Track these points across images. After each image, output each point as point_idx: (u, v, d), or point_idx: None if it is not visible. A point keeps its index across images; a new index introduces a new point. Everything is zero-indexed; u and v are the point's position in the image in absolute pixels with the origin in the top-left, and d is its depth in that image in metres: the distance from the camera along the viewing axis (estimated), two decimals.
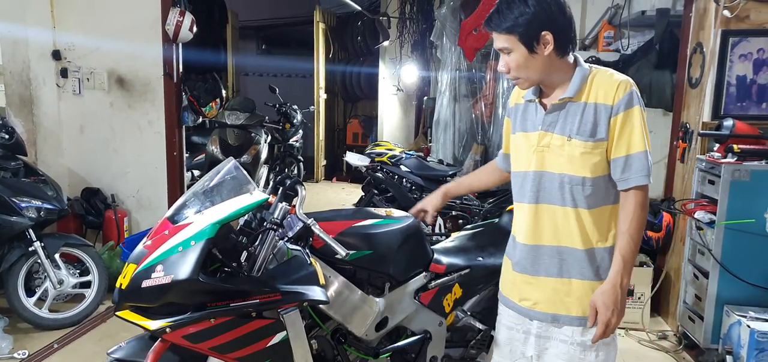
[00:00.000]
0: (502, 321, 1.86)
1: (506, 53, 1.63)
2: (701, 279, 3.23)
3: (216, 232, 1.71)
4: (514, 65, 1.63)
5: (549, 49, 1.59)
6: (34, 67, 4.20)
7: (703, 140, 3.38)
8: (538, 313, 1.74)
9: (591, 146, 1.60)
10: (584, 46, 4.45)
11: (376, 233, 2.05)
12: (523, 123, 1.75)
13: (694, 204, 3.30)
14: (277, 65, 9.55)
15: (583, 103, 1.62)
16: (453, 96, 5.38)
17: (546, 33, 1.58)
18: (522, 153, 1.74)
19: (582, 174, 1.62)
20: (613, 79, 1.62)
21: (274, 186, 1.99)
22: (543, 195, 1.68)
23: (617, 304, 1.61)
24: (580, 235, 1.65)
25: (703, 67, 3.39)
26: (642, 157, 1.59)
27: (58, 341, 3.29)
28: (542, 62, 1.62)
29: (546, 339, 1.73)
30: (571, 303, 1.69)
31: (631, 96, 1.59)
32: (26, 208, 3.32)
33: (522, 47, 1.60)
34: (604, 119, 1.59)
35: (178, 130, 4.28)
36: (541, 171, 1.68)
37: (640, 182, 1.60)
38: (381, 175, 4.29)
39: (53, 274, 3.40)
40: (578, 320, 1.68)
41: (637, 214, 1.60)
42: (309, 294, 1.78)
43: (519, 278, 1.77)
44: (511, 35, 1.60)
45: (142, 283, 1.68)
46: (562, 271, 1.69)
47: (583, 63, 1.67)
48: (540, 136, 1.67)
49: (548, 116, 1.67)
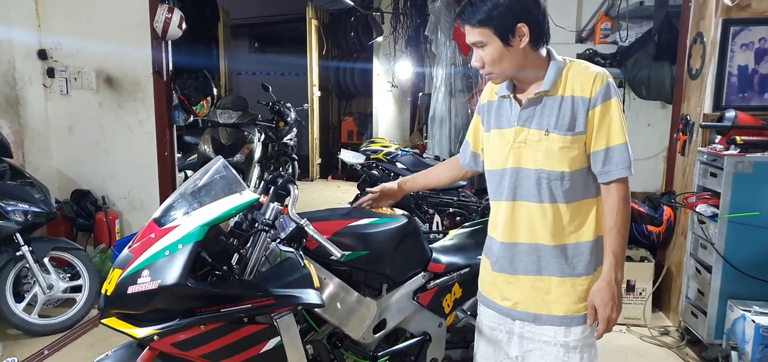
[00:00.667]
0: (484, 322, 1.83)
1: (480, 47, 1.60)
2: (704, 273, 3.17)
3: (204, 235, 1.64)
4: (489, 59, 1.60)
5: (525, 41, 1.57)
6: (20, 66, 4.11)
7: (704, 132, 3.32)
8: (519, 313, 1.72)
9: (570, 140, 1.58)
10: (581, 39, 4.39)
11: (373, 233, 1.98)
12: (498, 120, 1.72)
13: (696, 198, 3.24)
14: (270, 63, 9.47)
15: (559, 96, 1.59)
16: (448, 91, 5.32)
17: (522, 25, 1.55)
18: (497, 150, 1.71)
19: (560, 168, 1.60)
20: (588, 71, 1.60)
21: (266, 186, 1.92)
22: (520, 193, 1.66)
23: (615, 299, 1.61)
24: (553, 230, 1.63)
25: (704, 58, 3.33)
26: (622, 149, 1.57)
27: (48, 347, 3.20)
28: (517, 55, 1.59)
29: (529, 340, 1.71)
30: (552, 301, 1.67)
31: (607, 88, 1.57)
32: (12, 212, 3.23)
33: (497, 40, 1.57)
34: (582, 112, 1.57)
35: (169, 130, 4.20)
36: (517, 167, 1.65)
37: (622, 174, 1.58)
38: (377, 172, 4.22)
39: (42, 279, 3.32)
40: (560, 319, 1.67)
41: (621, 209, 1.59)
42: (303, 297, 1.71)
43: (499, 278, 1.75)
44: (485, 28, 1.57)
45: (128, 289, 1.61)
46: (540, 269, 1.67)
47: (557, 56, 1.64)
48: (516, 132, 1.65)
49: (524, 111, 1.64)
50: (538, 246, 1.66)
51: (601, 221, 1.65)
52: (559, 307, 1.66)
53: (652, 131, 4.24)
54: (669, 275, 3.66)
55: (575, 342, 1.67)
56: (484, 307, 1.84)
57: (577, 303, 1.66)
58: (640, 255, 3.71)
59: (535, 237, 1.65)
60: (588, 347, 1.69)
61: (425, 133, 6.18)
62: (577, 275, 1.66)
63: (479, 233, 2.36)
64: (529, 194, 1.64)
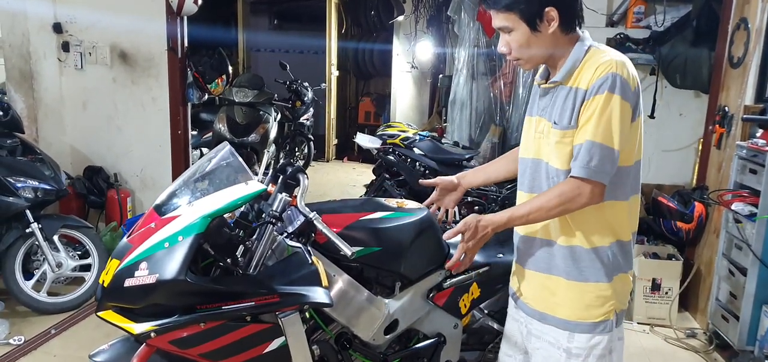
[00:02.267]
0: (510, 312, 1.80)
1: (506, 32, 1.51)
2: (737, 275, 3.00)
3: (206, 227, 1.54)
4: (516, 45, 1.50)
5: (554, 26, 1.46)
6: (34, 40, 4.04)
7: (744, 125, 3.12)
8: (528, 308, 1.67)
9: (561, 134, 1.49)
10: (611, 23, 4.16)
11: (386, 228, 1.85)
12: (531, 107, 1.65)
13: (732, 195, 3.05)
14: (288, 41, 9.32)
15: (568, 87, 1.49)
16: (470, 74, 5.13)
17: (550, 9, 1.44)
18: (526, 138, 1.65)
19: (558, 165, 1.51)
20: (598, 59, 1.45)
21: (274, 175, 1.80)
22: (535, 185, 1.59)
23: (476, 236, 1.52)
24: (565, 231, 1.55)
25: (748, 45, 3.11)
26: (590, 147, 1.42)
27: (55, 326, 3.17)
28: (546, 41, 1.48)
29: (537, 338, 1.65)
30: (557, 303, 1.59)
31: (605, 80, 1.41)
32: (22, 188, 3.18)
33: (523, 25, 1.46)
34: (579, 105, 1.46)
35: (183, 108, 4.10)
36: (536, 159, 1.59)
37: (577, 173, 1.43)
38: (393, 157, 4.08)
39: (51, 257, 3.28)
40: (564, 323, 1.58)
41: (553, 198, 1.47)
42: (310, 295, 1.61)
43: (517, 269, 1.72)
44: (511, 13, 1.46)
45: (125, 282, 1.53)
46: (550, 267, 1.59)
47: (586, 42, 1.51)
48: (537, 122, 1.59)
49: (542, 100, 1.57)
50: (550, 243, 1.58)
51: (616, 228, 1.53)
52: (564, 311, 1.58)
53: (683, 121, 4.02)
54: (698, 275, 3.48)
55: (578, 350, 1.56)
56: (510, 298, 1.80)
57: (584, 310, 1.56)
58: (668, 252, 3.54)
59: (549, 234, 1.58)
60: (596, 357, 1.56)
61: (444, 116, 6.01)
62: (585, 281, 1.55)
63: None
64: (542, 188, 1.56)
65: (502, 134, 4.90)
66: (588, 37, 1.52)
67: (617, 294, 1.57)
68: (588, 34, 1.53)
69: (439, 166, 3.89)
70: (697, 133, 3.89)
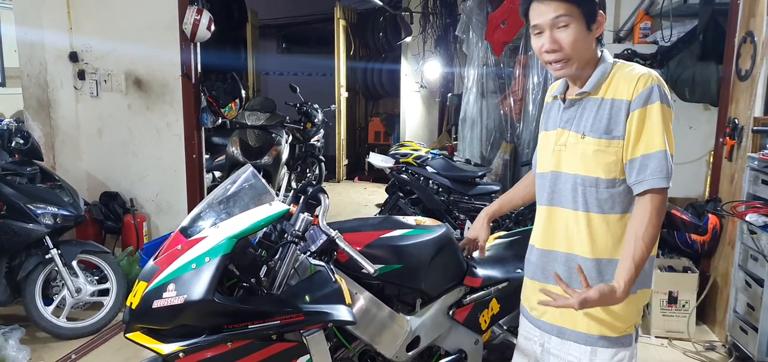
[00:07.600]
0: (521, 332, 1.76)
1: (559, 26, 1.44)
2: (755, 287, 2.98)
3: (232, 248, 1.57)
4: (569, 41, 1.44)
5: (600, 31, 1.49)
6: (52, 69, 4.14)
7: (755, 137, 3.13)
8: (544, 324, 1.63)
9: (605, 144, 1.47)
10: (618, 38, 4.21)
11: (406, 245, 1.88)
12: (546, 121, 1.65)
13: (746, 206, 3.05)
14: (297, 64, 9.45)
15: (600, 98, 1.49)
16: (480, 92, 5.18)
17: (602, 13, 1.46)
18: (542, 153, 1.64)
19: (595, 174, 1.49)
20: (633, 72, 1.46)
21: (295, 195, 1.84)
22: (557, 198, 1.57)
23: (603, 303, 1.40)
24: (589, 242, 1.52)
25: (755, 58, 3.13)
26: (661, 157, 1.42)
27: (75, 351, 3.19)
28: (591, 44, 1.49)
29: (556, 357, 1.61)
30: (578, 316, 1.53)
31: (651, 90, 1.43)
32: (42, 215, 3.23)
33: (582, 21, 1.44)
34: (622, 116, 1.45)
35: (197, 132, 4.17)
36: (557, 171, 1.57)
37: (657, 184, 1.43)
38: (406, 176, 4.12)
39: (71, 282, 3.31)
40: (584, 337, 1.54)
41: (653, 221, 1.43)
42: (334, 313, 1.63)
43: (531, 284, 1.68)
44: (572, 5, 1.42)
45: (153, 303, 1.55)
46: (571, 280, 1.52)
47: (608, 57, 1.53)
48: (558, 134, 1.57)
49: (566, 112, 1.56)
50: (573, 256, 1.55)
51: None
52: (585, 324, 1.53)
53: (693, 134, 4.04)
54: (715, 287, 3.47)
55: None
56: (521, 316, 1.76)
57: (606, 324, 1.53)
58: (683, 265, 3.53)
59: (571, 247, 1.55)
60: None
61: (454, 134, 6.05)
62: None
63: (518, 245, 2.25)
64: (566, 200, 1.55)
65: (513, 150, 4.93)
66: (607, 54, 1.54)
67: (639, 308, 1.56)
68: (607, 51, 1.55)
69: (453, 183, 3.92)
70: (707, 146, 3.90)
